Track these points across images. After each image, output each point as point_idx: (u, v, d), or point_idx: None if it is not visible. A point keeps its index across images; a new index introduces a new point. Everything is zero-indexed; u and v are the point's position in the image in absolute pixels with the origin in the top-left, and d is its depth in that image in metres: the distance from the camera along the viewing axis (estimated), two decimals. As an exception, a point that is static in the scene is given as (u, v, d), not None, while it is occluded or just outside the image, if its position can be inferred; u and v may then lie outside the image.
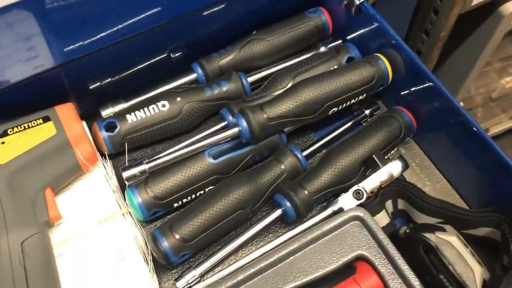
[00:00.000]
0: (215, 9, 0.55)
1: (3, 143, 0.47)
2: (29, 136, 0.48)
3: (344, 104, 0.54)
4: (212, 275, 0.47)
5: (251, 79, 0.58)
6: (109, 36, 0.50)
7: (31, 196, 0.46)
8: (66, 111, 0.50)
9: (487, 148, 0.47)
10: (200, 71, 0.58)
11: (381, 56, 0.55)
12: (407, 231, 0.48)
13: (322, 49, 0.61)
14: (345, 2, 0.56)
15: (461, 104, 0.63)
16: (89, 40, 0.49)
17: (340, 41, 0.62)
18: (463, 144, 0.51)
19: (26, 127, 0.49)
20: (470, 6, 0.71)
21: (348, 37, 0.61)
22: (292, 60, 0.60)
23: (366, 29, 0.57)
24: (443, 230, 0.46)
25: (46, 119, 0.49)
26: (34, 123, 0.49)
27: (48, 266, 0.44)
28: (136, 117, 0.53)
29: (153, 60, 0.57)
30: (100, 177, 0.52)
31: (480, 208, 0.51)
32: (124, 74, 0.56)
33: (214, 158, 0.51)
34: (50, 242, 0.46)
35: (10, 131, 0.48)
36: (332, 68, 0.56)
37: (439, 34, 0.72)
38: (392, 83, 0.56)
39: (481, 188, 0.52)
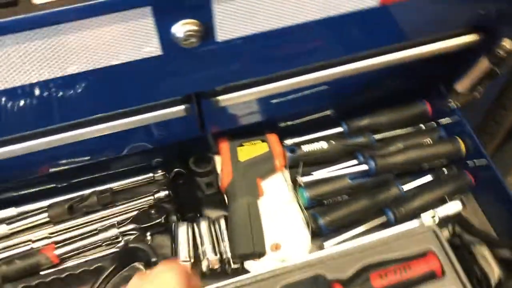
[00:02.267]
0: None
1: (241, 150, 0.88)
2: (255, 148, 0.88)
3: (432, 165, 0.90)
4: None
5: (376, 137, 0.95)
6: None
7: (252, 181, 0.86)
8: (274, 138, 0.90)
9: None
10: (346, 127, 0.96)
11: (458, 139, 0.90)
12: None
13: (422, 126, 0.98)
14: (444, 104, 0.92)
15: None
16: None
17: (435, 124, 0.98)
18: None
19: (253, 143, 0.89)
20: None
21: (441, 121, 0.97)
22: (402, 130, 0.97)
23: (452, 122, 0.93)
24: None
25: (263, 141, 0.89)
26: (257, 142, 0.89)
27: (258, 216, 0.83)
28: (307, 148, 0.92)
29: (316, 115, 0.96)
30: (282, 177, 0.90)
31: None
32: (304, 119, 0.95)
33: (351, 180, 0.88)
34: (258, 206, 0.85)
35: (244, 144, 0.88)
36: (427, 140, 0.92)
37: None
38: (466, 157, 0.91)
39: None
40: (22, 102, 0.62)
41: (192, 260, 0.80)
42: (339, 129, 0.96)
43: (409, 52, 0.80)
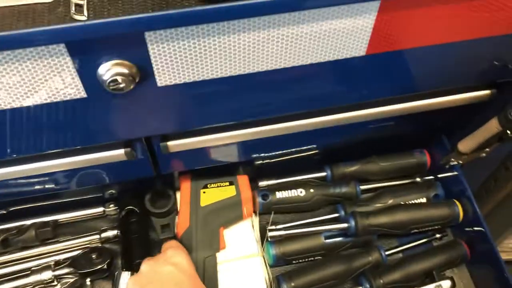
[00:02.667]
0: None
1: (204, 192, 0.76)
2: (221, 191, 0.76)
3: (423, 229, 0.77)
4: (307, 315, 0.72)
5: (362, 187, 0.83)
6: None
7: (214, 231, 0.74)
8: (244, 181, 0.78)
9: None
10: (329, 172, 0.84)
11: (457, 202, 0.78)
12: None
13: (418, 179, 0.85)
14: (443, 161, 0.79)
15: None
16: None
17: (433, 177, 0.85)
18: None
19: (219, 185, 0.77)
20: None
21: (439, 176, 0.84)
22: (395, 181, 0.84)
23: (452, 178, 0.80)
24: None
25: (231, 183, 0.78)
26: (224, 184, 0.77)
27: (214, 273, 0.72)
28: (282, 194, 0.80)
29: (301, 154, 0.83)
30: (250, 227, 0.79)
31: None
32: (280, 159, 0.83)
33: (326, 238, 0.76)
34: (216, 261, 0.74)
35: (209, 186, 0.77)
36: (421, 200, 0.80)
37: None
38: (461, 223, 0.78)
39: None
40: None
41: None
42: (322, 174, 0.84)
43: (409, 105, 0.69)
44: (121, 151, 0.59)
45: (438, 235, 0.81)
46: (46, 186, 0.70)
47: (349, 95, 0.62)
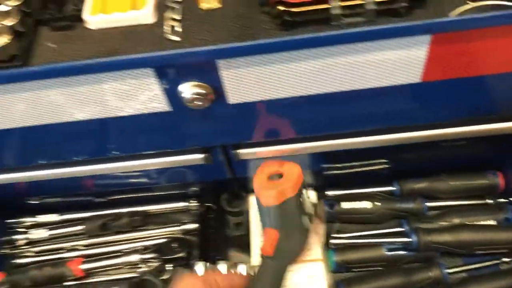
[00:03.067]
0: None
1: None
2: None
3: (489, 251, 0.77)
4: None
5: (429, 204, 0.84)
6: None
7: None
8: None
9: None
10: (398, 187, 0.86)
11: (528, 228, 0.77)
12: None
13: (488, 201, 0.84)
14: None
15: None
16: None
17: (506, 200, 0.84)
18: None
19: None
20: None
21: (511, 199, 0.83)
22: (463, 201, 0.85)
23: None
24: None
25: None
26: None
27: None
28: (348, 205, 0.84)
29: (371, 168, 0.87)
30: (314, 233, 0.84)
31: None
32: (348, 171, 0.88)
33: (387, 251, 0.79)
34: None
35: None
36: (489, 222, 0.80)
37: None
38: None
39: None
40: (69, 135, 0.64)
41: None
42: (389, 188, 0.87)
43: (482, 127, 0.69)
44: (201, 156, 0.68)
45: (506, 259, 0.80)
46: (140, 180, 0.82)
47: (412, 116, 0.65)
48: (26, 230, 0.90)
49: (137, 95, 0.55)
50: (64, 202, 0.91)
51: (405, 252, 0.79)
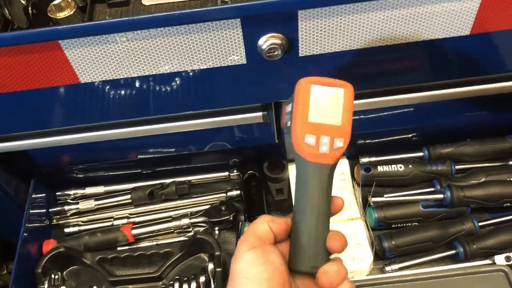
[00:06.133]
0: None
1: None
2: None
3: (515, 204, 0.85)
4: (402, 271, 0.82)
5: (457, 167, 0.92)
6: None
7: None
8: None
9: None
10: (426, 153, 0.93)
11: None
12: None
13: (510, 163, 0.92)
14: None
15: None
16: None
17: (525, 161, 0.92)
18: None
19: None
20: None
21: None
22: (488, 163, 0.92)
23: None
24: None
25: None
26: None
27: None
28: (383, 168, 0.91)
29: (401, 136, 0.94)
30: (352, 195, 0.90)
31: None
32: (381, 139, 0.94)
33: (424, 207, 0.86)
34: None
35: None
36: (513, 179, 0.87)
37: None
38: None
39: None
40: (123, 93, 0.69)
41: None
42: (419, 154, 0.94)
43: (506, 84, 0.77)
44: (259, 114, 0.74)
45: (532, 212, 0.87)
46: (186, 146, 0.87)
47: (454, 71, 0.72)
48: (75, 201, 0.93)
49: (220, 47, 0.61)
50: (111, 176, 0.95)
51: (439, 208, 0.86)
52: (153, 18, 0.56)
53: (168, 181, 0.94)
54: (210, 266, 0.81)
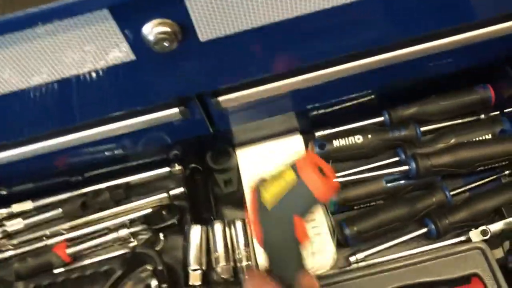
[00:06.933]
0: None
1: (264, 188, 0.78)
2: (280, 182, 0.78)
3: (490, 166, 0.74)
4: (369, 259, 0.73)
5: (423, 129, 0.81)
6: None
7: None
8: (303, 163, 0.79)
9: None
10: (387, 117, 0.82)
11: (526, 135, 0.74)
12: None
13: (482, 116, 0.81)
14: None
15: None
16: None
17: (498, 112, 0.81)
18: None
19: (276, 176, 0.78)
20: None
21: (506, 110, 0.80)
22: (457, 120, 0.81)
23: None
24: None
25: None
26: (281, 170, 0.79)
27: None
28: (339, 142, 0.80)
29: (357, 101, 0.82)
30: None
31: None
32: (335, 108, 0.83)
33: (387, 182, 0.76)
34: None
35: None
36: (486, 137, 0.76)
37: None
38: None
39: None
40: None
41: (204, 268, 0.74)
42: (379, 119, 0.83)
43: (468, 34, 0.65)
44: (176, 110, 0.62)
45: (507, 172, 0.77)
46: (115, 151, 0.75)
47: (404, 28, 0.60)
48: (1, 222, 0.83)
49: (96, 45, 0.48)
50: (37, 188, 0.84)
51: (405, 181, 0.76)
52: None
53: (102, 186, 0.83)
54: (154, 282, 0.72)
